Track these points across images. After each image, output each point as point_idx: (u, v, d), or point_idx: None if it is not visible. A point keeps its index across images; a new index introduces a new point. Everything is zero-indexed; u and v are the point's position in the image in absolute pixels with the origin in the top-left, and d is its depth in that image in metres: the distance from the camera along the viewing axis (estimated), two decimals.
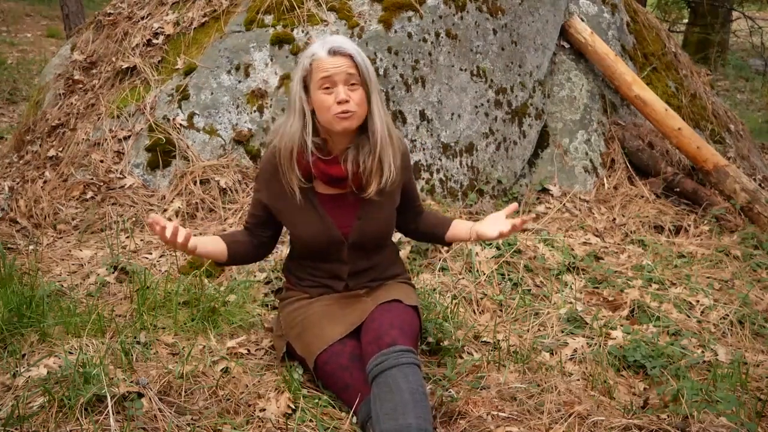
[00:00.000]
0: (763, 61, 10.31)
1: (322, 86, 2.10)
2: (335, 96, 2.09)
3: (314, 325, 2.23)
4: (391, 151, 2.20)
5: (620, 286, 3.18)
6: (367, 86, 2.12)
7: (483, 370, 2.40)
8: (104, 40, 4.22)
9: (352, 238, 2.26)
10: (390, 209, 2.32)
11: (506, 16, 4.14)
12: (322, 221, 2.24)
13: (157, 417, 1.97)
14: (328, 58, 2.10)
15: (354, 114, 2.11)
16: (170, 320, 2.54)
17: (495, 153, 4.04)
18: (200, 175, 3.46)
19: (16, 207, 3.57)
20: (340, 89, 2.09)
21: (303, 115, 2.15)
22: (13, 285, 2.59)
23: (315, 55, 2.12)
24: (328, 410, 2.12)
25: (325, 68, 2.09)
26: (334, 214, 2.25)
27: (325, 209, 2.25)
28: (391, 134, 2.21)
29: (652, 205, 4.17)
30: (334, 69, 2.09)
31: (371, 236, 2.28)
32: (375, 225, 2.27)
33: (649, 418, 2.10)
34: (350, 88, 2.11)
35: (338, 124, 2.12)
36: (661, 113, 4.35)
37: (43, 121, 4.01)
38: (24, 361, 2.22)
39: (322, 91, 2.11)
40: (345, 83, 2.10)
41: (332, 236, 2.25)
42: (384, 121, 2.18)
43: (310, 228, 2.24)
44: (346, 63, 2.10)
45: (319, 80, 2.11)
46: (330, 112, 2.10)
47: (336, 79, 2.09)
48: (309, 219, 2.24)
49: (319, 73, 2.10)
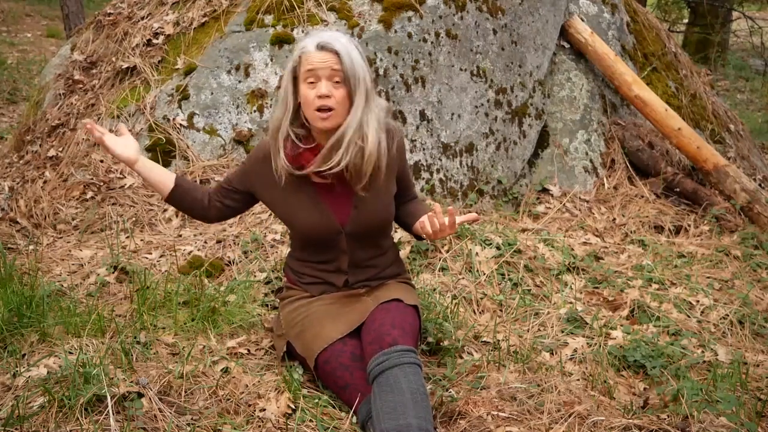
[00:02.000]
0: (763, 61, 10.31)
1: (307, 79, 2.14)
2: (317, 90, 2.12)
3: (315, 325, 2.23)
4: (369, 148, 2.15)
5: (620, 286, 3.18)
6: (350, 86, 2.13)
7: (483, 370, 2.40)
8: (104, 40, 4.22)
9: (349, 227, 2.27)
10: (386, 198, 2.31)
11: (506, 16, 4.14)
12: (318, 211, 2.25)
13: (157, 417, 1.97)
14: (316, 52, 2.13)
15: (333, 112, 2.12)
16: (170, 320, 2.54)
17: (495, 153, 4.04)
18: (200, 175, 3.46)
19: (16, 207, 3.57)
20: (323, 84, 2.11)
21: (286, 103, 2.19)
22: (13, 285, 2.59)
23: (304, 48, 2.15)
24: (328, 410, 2.12)
25: (311, 62, 2.12)
26: (330, 203, 2.26)
27: (320, 199, 2.26)
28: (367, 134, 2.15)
29: (652, 205, 4.17)
30: (319, 63, 2.11)
31: (368, 225, 2.29)
32: (371, 214, 2.28)
33: (649, 418, 2.10)
34: (334, 85, 2.12)
35: (318, 123, 2.15)
36: (661, 113, 4.35)
37: (43, 121, 4.01)
38: (24, 361, 2.22)
39: (306, 84, 2.14)
40: (329, 79, 2.12)
41: (329, 225, 2.26)
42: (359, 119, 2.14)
43: (308, 218, 2.25)
44: (332, 59, 2.11)
45: (304, 73, 2.14)
46: (311, 106, 2.13)
47: (320, 74, 2.12)
48: (305, 209, 2.24)
49: (306, 66, 2.14)
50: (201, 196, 2.37)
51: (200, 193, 2.38)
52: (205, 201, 2.37)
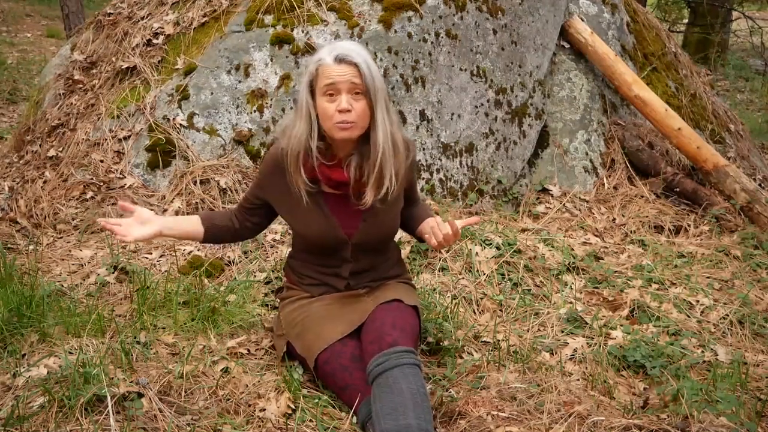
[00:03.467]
0: (763, 61, 10.30)
1: (326, 93, 2.10)
2: (337, 104, 2.08)
3: (315, 325, 2.23)
4: (394, 162, 2.18)
5: (620, 286, 3.18)
6: (370, 97, 2.10)
7: (483, 370, 2.40)
8: (104, 40, 4.22)
9: (356, 238, 2.27)
10: (395, 211, 2.32)
11: (506, 16, 4.14)
12: (327, 221, 2.25)
13: (157, 417, 1.97)
14: (334, 65, 2.08)
15: (354, 125, 2.10)
16: (170, 320, 2.54)
17: (495, 153, 4.04)
18: (200, 175, 3.45)
19: (16, 207, 3.57)
20: (343, 98, 2.08)
21: (309, 119, 2.14)
22: (13, 285, 2.59)
23: (321, 61, 2.11)
24: (328, 410, 2.12)
25: (330, 75, 2.08)
26: (339, 214, 2.25)
27: (330, 209, 2.25)
28: (396, 144, 2.18)
29: (652, 205, 4.17)
30: (338, 77, 2.07)
31: (375, 238, 2.29)
32: (380, 227, 2.28)
33: (649, 418, 2.10)
34: (354, 97, 2.09)
35: (338, 133, 2.11)
36: (661, 113, 4.35)
37: (43, 121, 4.01)
38: (24, 361, 2.22)
39: (325, 97, 2.10)
40: (348, 92, 2.08)
41: (336, 236, 2.25)
42: (388, 132, 2.15)
43: (315, 227, 2.24)
44: (351, 72, 2.08)
45: (323, 86, 2.10)
46: (331, 120, 2.10)
47: (340, 87, 2.08)
48: (314, 218, 2.24)
49: (324, 80, 2.09)
50: (229, 222, 2.36)
51: (227, 220, 2.36)
52: (235, 224, 2.36)
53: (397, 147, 2.19)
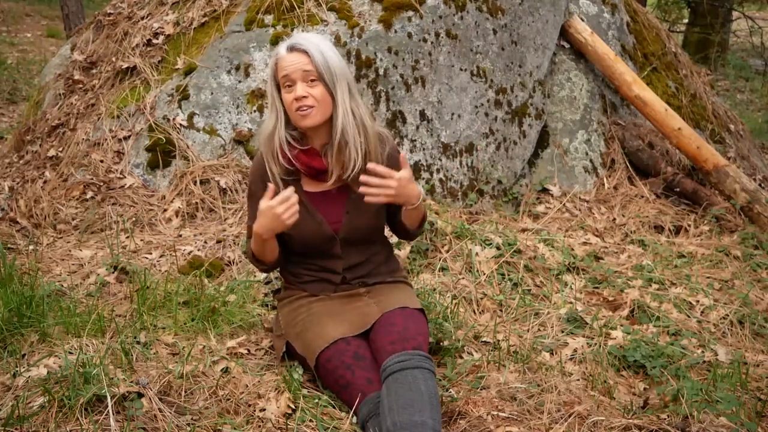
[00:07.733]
0: (763, 61, 10.30)
1: (285, 84, 2.16)
2: (294, 93, 2.14)
3: (316, 324, 2.23)
4: (363, 141, 2.19)
5: (620, 286, 3.18)
6: (326, 81, 2.14)
7: (483, 370, 2.40)
8: (104, 40, 4.22)
9: (342, 232, 2.29)
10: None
11: (506, 16, 4.14)
12: (312, 218, 2.27)
13: (157, 417, 1.97)
14: (287, 55, 2.15)
15: (313, 110, 2.14)
16: (170, 320, 2.54)
17: (495, 153, 4.04)
18: (200, 175, 3.46)
19: (16, 207, 3.57)
20: (298, 86, 2.13)
21: (276, 111, 2.21)
22: (13, 285, 2.59)
23: (278, 54, 2.18)
24: (328, 410, 2.12)
25: (284, 66, 2.15)
26: (323, 210, 2.28)
27: (314, 206, 2.28)
28: (364, 123, 2.20)
29: (652, 205, 4.17)
30: (290, 67, 2.14)
31: (361, 229, 2.31)
32: (364, 218, 2.30)
33: (649, 418, 2.10)
34: (309, 84, 2.14)
35: (300, 121, 2.17)
36: (661, 113, 4.35)
37: (43, 121, 4.01)
38: (24, 361, 2.22)
39: (285, 89, 2.17)
40: (303, 80, 2.13)
41: (324, 232, 2.28)
42: (349, 110, 2.17)
43: (302, 226, 2.25)
44: (302, 60, 2.13)
45: (281, 78, 2.16)
46: (292, 109, 2.16)
47: (294, 77, 2.14)
48: (301, 218, 2.24)
49: (281, 72, 2.16)
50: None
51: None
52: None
53: (364, 126, 2.20)
